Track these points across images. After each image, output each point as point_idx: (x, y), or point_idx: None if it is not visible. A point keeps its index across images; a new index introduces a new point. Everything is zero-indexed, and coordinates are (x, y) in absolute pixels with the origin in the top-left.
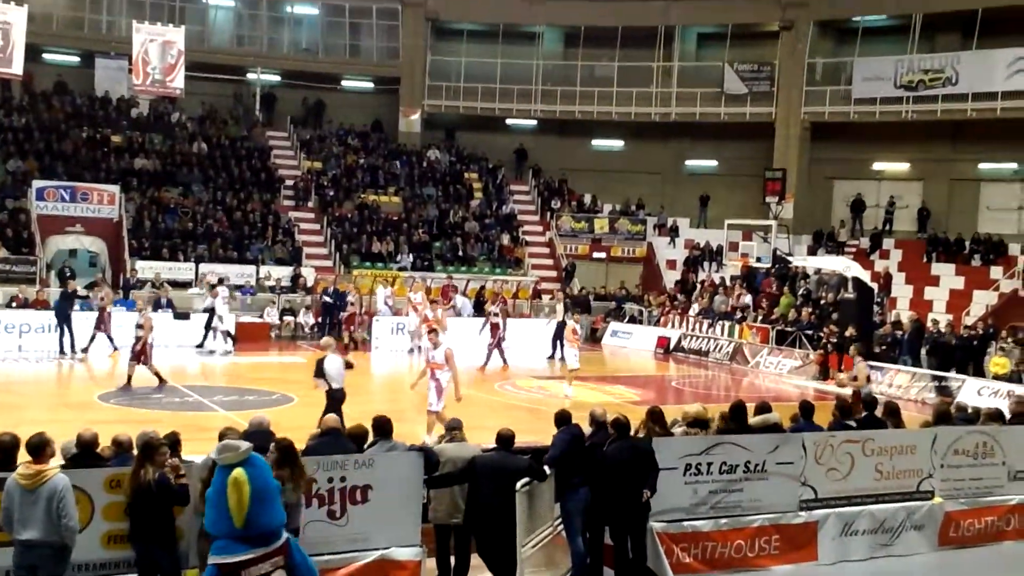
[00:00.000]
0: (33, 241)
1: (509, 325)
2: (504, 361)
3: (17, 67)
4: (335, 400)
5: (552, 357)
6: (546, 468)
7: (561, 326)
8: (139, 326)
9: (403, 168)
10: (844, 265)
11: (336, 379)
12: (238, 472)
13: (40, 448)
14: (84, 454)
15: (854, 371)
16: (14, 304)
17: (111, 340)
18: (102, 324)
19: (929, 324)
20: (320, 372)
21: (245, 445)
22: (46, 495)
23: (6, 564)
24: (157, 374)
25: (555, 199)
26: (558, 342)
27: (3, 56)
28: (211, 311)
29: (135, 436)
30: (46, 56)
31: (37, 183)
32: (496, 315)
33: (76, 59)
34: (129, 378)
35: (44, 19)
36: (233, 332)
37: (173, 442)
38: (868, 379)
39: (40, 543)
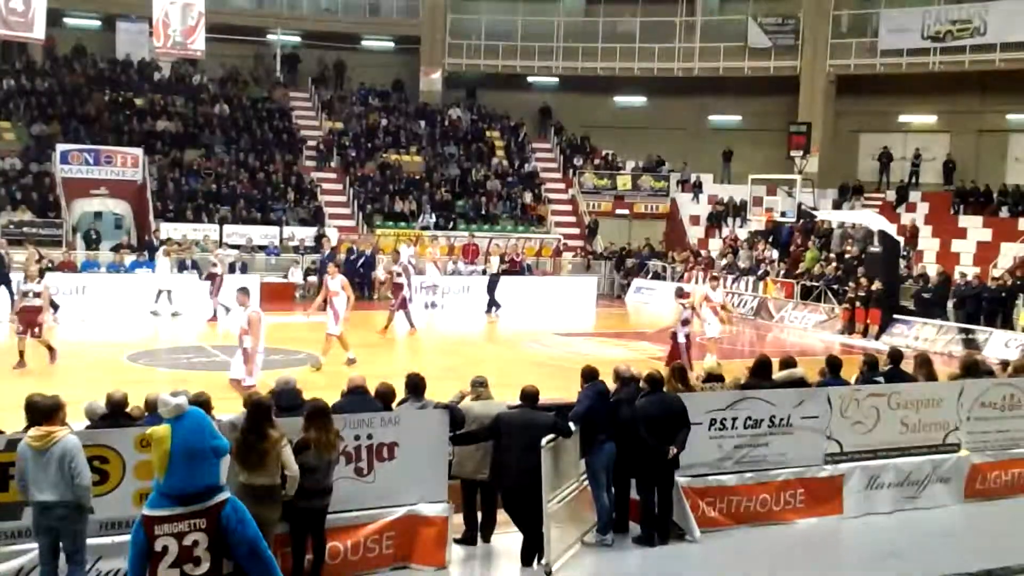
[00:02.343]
0: (58, 204)
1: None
2: (411, 324)
3: (39, 31)
4: None
5: (489, 311)
6: (571, 424)
7: (494, 278)
8: (36, 295)
9: (425, 127)
10: (870, 218)
11: None
12: (160, 428)
13: (52, 411)
14: (114, 414)
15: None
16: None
17: (224, 307)
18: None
19: (956, 277)
20: None
21: (175, 401)
22: (57, 456)
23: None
24: (49, 346)
25: (577, 156)
26: (493, 295)
27: (25, 20)
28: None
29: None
30: (67, 20)
31: (61, 147)
32: (399, 275)
33: (97, 23)
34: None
35: None
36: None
37: (203, 402)
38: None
39: (56, 504)
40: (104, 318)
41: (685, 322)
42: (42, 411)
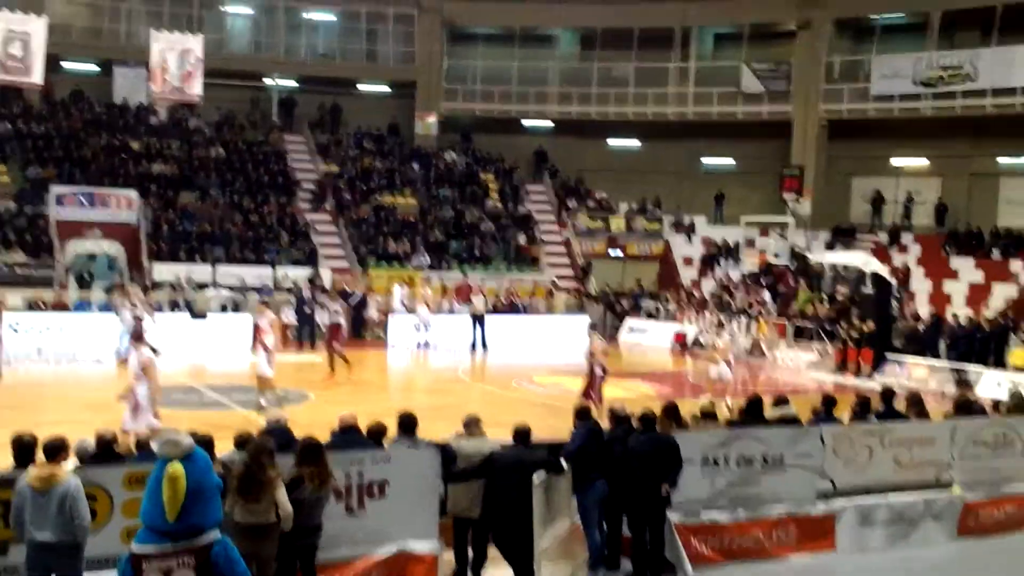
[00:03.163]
0: (52, 246)
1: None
2: (332, 367)
3: (37, 76)
4: None
5: (473, 350)
6: (563, 462)
7: (478, 318)
8: None
9: (419, 170)
10: (863, 260)
11: None
12: (175, 466)
13: (56, 451)
14: (104, 452)
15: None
16: (32, 307)
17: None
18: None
19: (949, 318)
20: None
21: (187, 441)
22: (58, 497)
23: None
24: None
25: (572, 199)
26: (477, 331)
27: (23, 66)
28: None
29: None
30: (65, 65)
31: (56, 188)
32: (336, 312)
33: (95, 68)
34: None
35: (63, 29)
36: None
37: (207, 442)
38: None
39: (55, 544)
40: (95, 357)
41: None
42: (47, 451)
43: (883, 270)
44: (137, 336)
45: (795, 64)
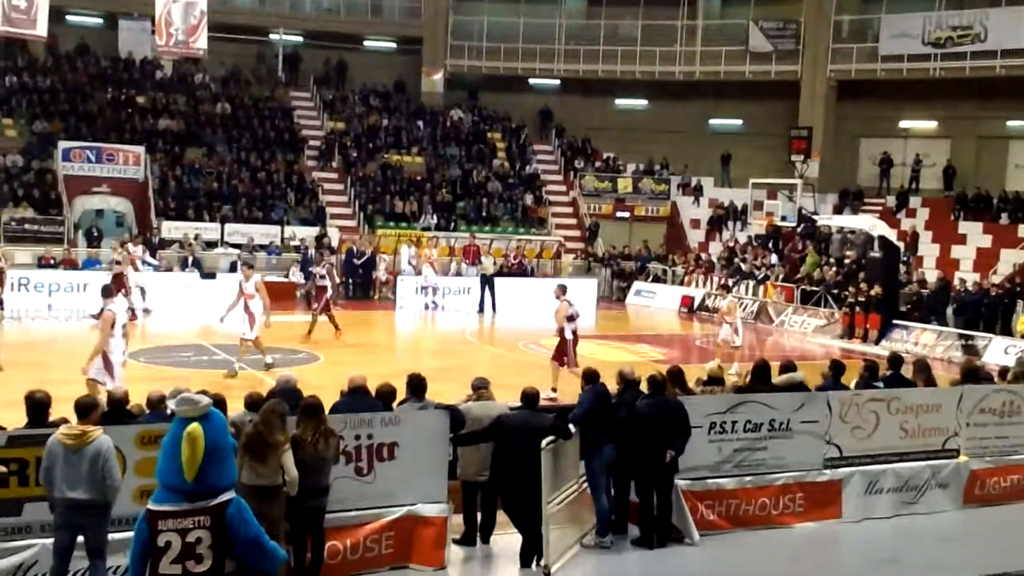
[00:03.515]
0: (60, 201)
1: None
2: (336, 327)
3: (41, 29)
4: None
5: (481, 311)
6: (571, 426)
7: (488, 279)
8: None
9: (426, 128)
10: (870, 223)
11: None
12: (194, 426)
13: (89, 409)
14: (115, 411)
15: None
16: (42, 263)
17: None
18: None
19: (956, 283)
20: None
21: (205, 400)
22: (90, 456)
23: (41, 519)
24: None
25: (578, 159)
26: (486, 292)
27: (27, 18)
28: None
29: (168, 393)
30: (69, 18)
31: (63, 144)
32: (322, 277)
33: (99, 21)
34: None
35: None
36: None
37: (220, 401)
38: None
39: (87, 503)
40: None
41: (571, 318)
42: (79, 409)
43: (891, 234)
44: (106, 291)
45: (804, 23)
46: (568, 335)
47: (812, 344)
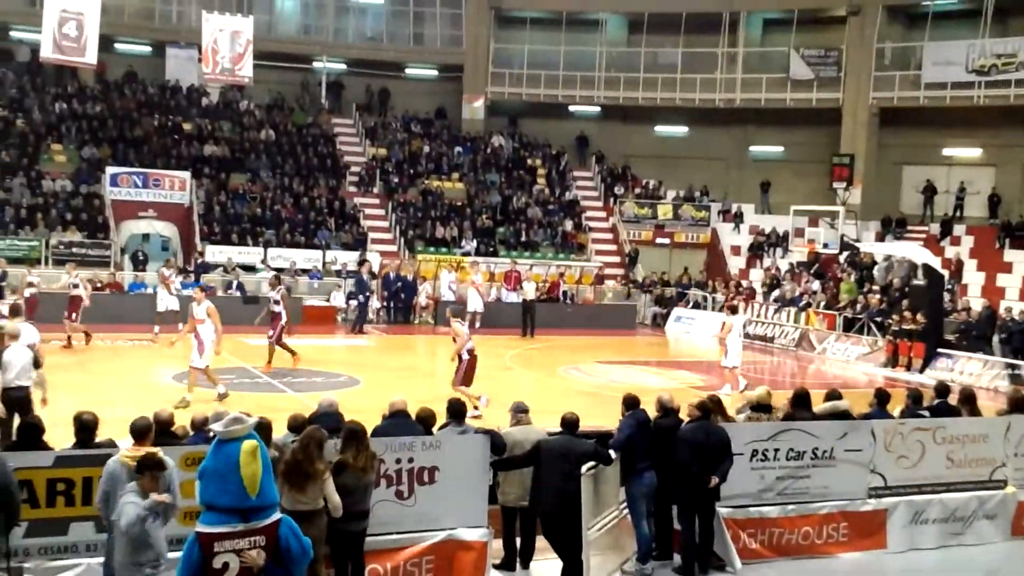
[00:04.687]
0: (107, 225)
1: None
2: (292, 353)
3: (91, 57)
4: (11, 403)
5: (524, 335)
6: (612, 452)
7: (530, 304)
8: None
9: (466, 154)
10: (914, 251)
11: (15, 372)
12: (252, 442)
13: (144, 431)
14: (161, 433)
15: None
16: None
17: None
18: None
19: (1002, 311)
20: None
21: (252, 419)
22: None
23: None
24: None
25: (618, 185)
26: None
27: (77, 46)
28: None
29: (209, 416)
30: (118, 46)
31: (111, 169)
32: (276, 303)
33: (147, 49)
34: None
35: (116, 10)
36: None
37: (266, 427)
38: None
39: None
40: (149, 337)
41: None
42: (135, 432)
43: (935, 262)
44: (13, 310)
45: (845, 50)
46: (464, 356)
47: (855, 372)
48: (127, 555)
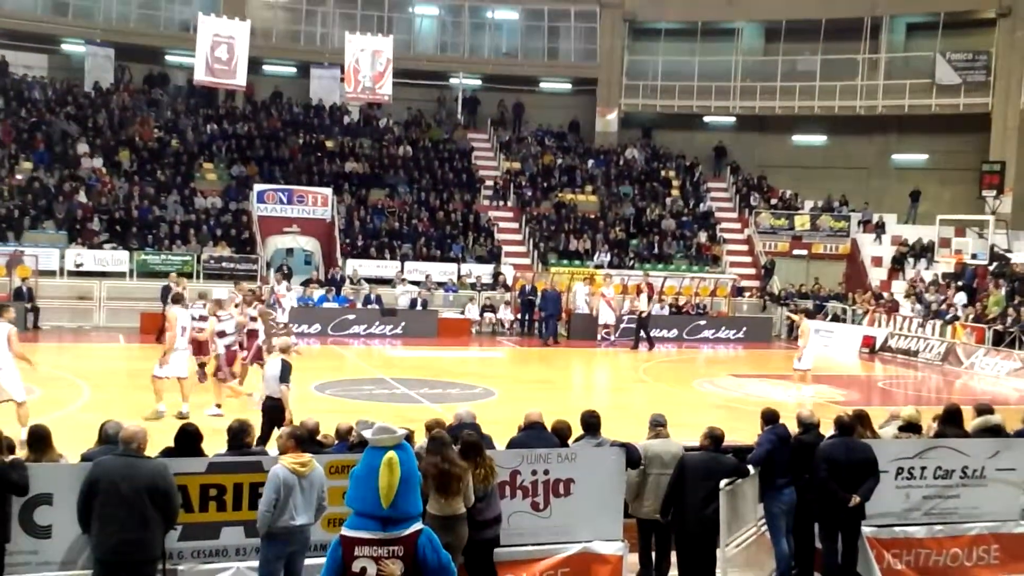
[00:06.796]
0: (254, 240)
1: None
2: (239, 384)
3: (241, 79)
4: (267, 411)
5: (636, 347)
6: (750, 467)
7: (645, 317)
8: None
9: (600, 167)
10: None
11: (269, 387)
12: (392, 455)
13: (301, 439)
14: (308, 441)
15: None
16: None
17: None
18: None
19: None
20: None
21: (401, 431)
22: (317, 482)
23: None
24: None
25: (754, 196)
26: (641, 332)
27: (228, 69)
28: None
29: (355, 423)
30: (266, 68)
31: (258, 186)
32: (253, 319)
33: (293, 70)
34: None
35: (264, 33)
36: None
37: (408, 436)
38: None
39: (305, 527)
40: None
41: (221, 334)
42: (297, 439)
43: None
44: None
45: (995, 54)
46: (221, 350)
47: (1006, 388)
48: None
